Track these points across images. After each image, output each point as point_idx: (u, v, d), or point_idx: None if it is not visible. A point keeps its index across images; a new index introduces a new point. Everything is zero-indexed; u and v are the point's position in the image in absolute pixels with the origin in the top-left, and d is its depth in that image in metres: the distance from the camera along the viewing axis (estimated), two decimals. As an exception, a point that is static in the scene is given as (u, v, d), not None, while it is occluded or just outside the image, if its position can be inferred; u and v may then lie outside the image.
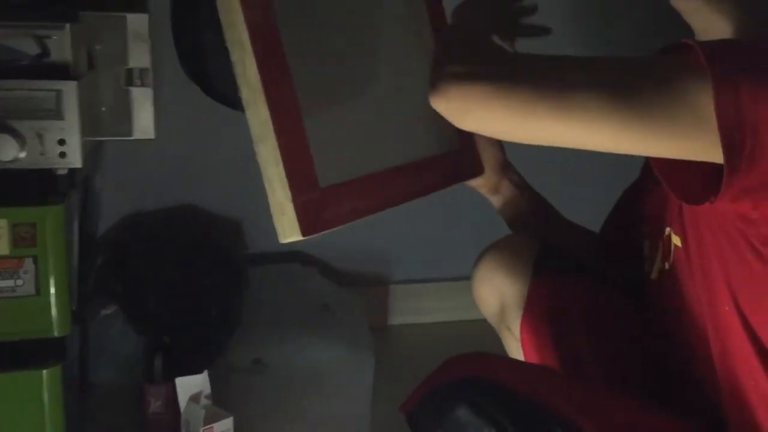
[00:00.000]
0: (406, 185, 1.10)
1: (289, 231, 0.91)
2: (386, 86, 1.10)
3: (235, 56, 0.89)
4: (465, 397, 0.92)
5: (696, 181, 0.82)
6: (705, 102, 0.75)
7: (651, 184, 1.10)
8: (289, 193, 0.89)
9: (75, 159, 1.27)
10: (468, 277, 1.40)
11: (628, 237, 1.20)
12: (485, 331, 1.34)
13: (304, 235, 0.91)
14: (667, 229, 1.03)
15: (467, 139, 1.21)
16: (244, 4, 0.88)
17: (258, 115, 0.89)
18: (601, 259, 1.27)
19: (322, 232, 0.93)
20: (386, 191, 1.06)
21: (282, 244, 2.05)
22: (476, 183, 1.26)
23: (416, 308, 2.13)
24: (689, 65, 0.77)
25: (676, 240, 1.00)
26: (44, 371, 1.32)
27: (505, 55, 0.89)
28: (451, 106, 0.84)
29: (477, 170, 1.24)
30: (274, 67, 0.90)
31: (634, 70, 0.82)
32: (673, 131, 0.78)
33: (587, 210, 1.32)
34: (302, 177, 0.91)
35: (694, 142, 0.78)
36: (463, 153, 1.22)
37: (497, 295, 1.26)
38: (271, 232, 2.03)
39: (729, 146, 0.75)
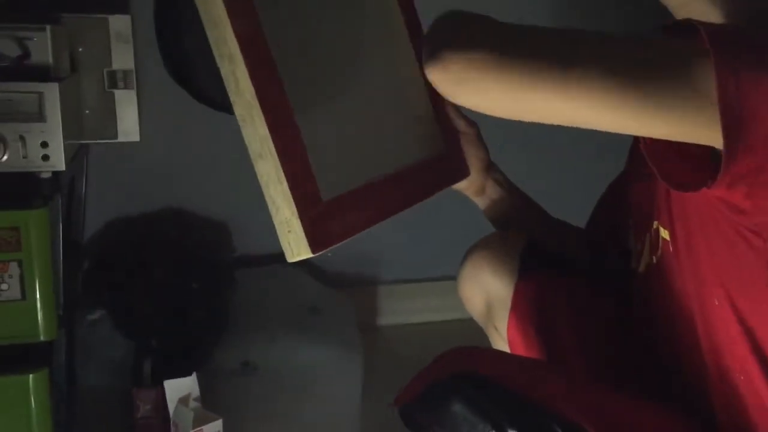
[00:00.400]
0: (404, 191, 1.08)
1: (296, 249, 0.87)
2: (374, 91, 1.09)
3: (225, 71, 0.85)
4: (460, 392, 0.91)
5: (689, 168, 0.81)
6: (707, 83, 0.75)
7: (636, 178, 1.09)
8: (295, 210, 0.86)
9: (58, 162, 1.26)
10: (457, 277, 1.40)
11: (613, 231, 1.19)
12: (475, 330, 1.34)
13: (313, 252, 0.87)
14: (655, 223, 1.02)
15: (453, 142, 1.21)
16: (233, 16, 0.84)
17: (256, 132, 0.86)
18: (588, 254, 1.27)
19: (331, 248, 0.90)
20: (386, 199, 1.04)
21: (269, 245, 2.05)
22: (461, 185, 1.25)
23: (405, 308, 2.13)
24: (692, 46, 0.77)
25: (664, 233, 1.00)
26: (30, 376, 1.31)
27: (506, 24, 0.85)
28: (448, 76, 0.81)
29: (464, 173, 1.23)
30: (267, 80, 0.86)
31: (639, 49, 0.80)
32: (675, 112, 0.77)
33: (574, 207, 1.31)
34: (305, 192, 0.88)
35: (695, 124, 0.77)
36: (449, 156, 1.21)
37: (483, 294, 1.26)
38: (259, 232, 2.02)
39: (728, 128, 0.75)
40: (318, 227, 0.88)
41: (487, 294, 1.25)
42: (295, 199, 0.86)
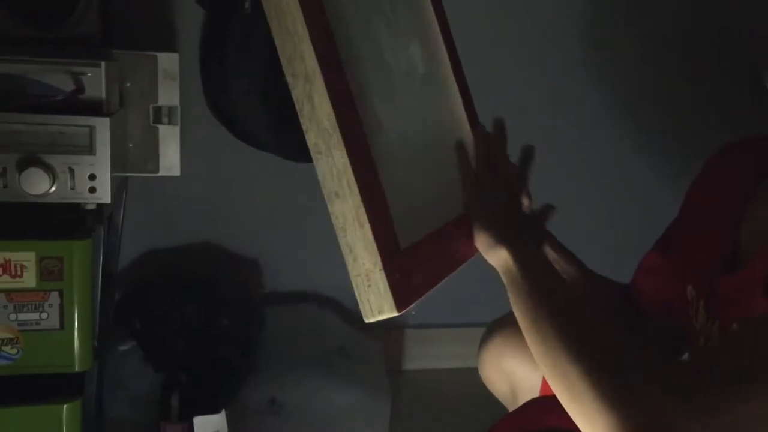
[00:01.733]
0: (465, 240, 0.95)
1: (378, 307, 0.76)
2: (433, 127, 1.00)
3: (298, 92, 0.74)
4: None
5: None
6: None
7: (694, 231, 1.06)
8: (378, 261, 0.74)
9: (104, 194, 1.28)
10: (485, 323, 1.38)
11: (667, 299, 1.12)
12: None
13: (399, 310, 0.76)
14: None
15: None
16: (312, 28, 0.73)
17: (333, 165, 0.74)
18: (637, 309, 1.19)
19: (414, 304, 0.79)
20: (458, 243, 0.94)
21: (299, 282, 2.05)
22: None
23: (432, 353, 2.11)
24: None
25: None
26: (64, 406, 1.31)
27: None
28: None
29: None
30: (346, 105, 0.76)
31: None
32: None
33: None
34: (387, 239, 0.76)
35: None
36: None
37: (507, 380, 1.23)
38: (289, 270, 2.03)
39: None
40: (401, 281, 0.77)
41: (511, 380, 1.22)
42: (379, 247, 0.74)
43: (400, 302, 0.76)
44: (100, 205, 1.32)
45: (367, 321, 0.77)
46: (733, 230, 0.98)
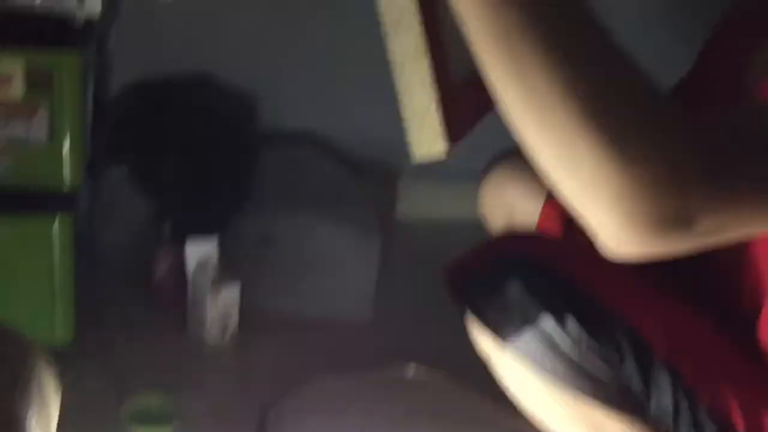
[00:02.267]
0: None
1: (428, 145, 0.74)
2: None
3: None
4: (521, 274, 0.88)
5: None
6: None
7: (705, 76, 1.04)
8: (434, 98, 0.73)
9: (93, 6, 1.24)
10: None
11: None
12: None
13: (450, 148, 0.74)
14: None
15: None
16: None
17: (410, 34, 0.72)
18: None
19: (461, 142, 0.77)
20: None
21: (295, 120, 2.02)
22: None
23: (427, 204, 2.11)
24: None
25: None
26: (56, 218, 1.31)
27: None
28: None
29: None
30: None
31: None
32: None
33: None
34: (444, 75, 0.74)
35: None
36: None
37: (506, 213, 1.21)
38: (284, 106, 2.00)
39: None
40: (455, 119, 0.75)
41: (510, 214, 1.20)
42: (437, 82, 0.72)
43: (452, 141, 0.74)
44: (89, 22, 1.28)
45: (416, 158, 0.76)
46: (743, 69, 0.96)
